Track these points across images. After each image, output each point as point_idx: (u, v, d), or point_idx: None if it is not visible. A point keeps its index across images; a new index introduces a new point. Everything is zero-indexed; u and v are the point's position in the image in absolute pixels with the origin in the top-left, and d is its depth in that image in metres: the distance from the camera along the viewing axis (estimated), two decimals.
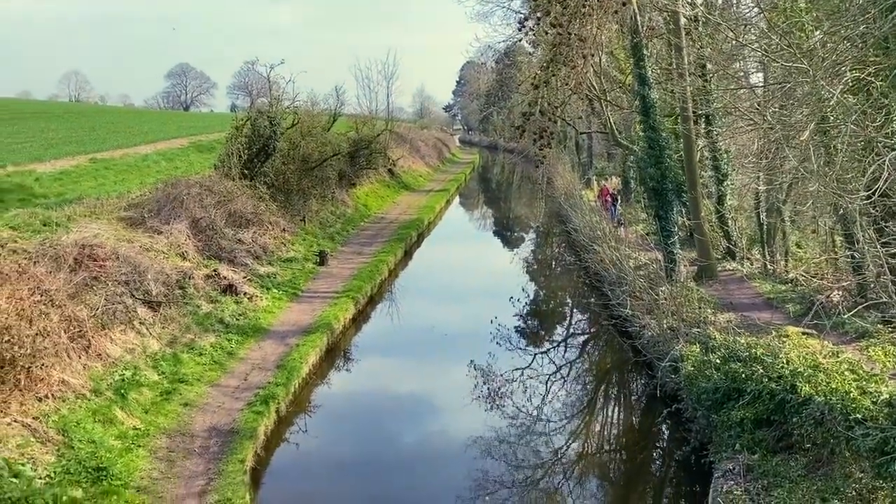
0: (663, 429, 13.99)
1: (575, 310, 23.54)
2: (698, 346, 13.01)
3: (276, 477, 11.51)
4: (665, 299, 15.65)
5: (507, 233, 40.82)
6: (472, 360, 16.58)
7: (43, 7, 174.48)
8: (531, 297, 24.44)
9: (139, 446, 10.66)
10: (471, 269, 27.94)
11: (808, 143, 9.93)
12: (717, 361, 11.91)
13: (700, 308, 15.46)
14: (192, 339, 14.69)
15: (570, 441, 13.20)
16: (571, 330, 21.32)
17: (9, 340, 10.10)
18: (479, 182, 67.50)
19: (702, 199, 20.79)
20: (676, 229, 19.51)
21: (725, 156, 21.92)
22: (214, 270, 17.76)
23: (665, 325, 14.68)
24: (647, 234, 23.30)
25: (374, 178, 39.79)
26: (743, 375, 11.04)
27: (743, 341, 12.31)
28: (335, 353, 16.93)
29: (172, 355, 13.76)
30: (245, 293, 17.58)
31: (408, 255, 28.21)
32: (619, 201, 30.79)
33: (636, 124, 24.63)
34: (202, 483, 10.02)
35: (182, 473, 10.24)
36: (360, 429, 13.65)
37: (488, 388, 15.39)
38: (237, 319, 16.37)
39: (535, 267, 30.46)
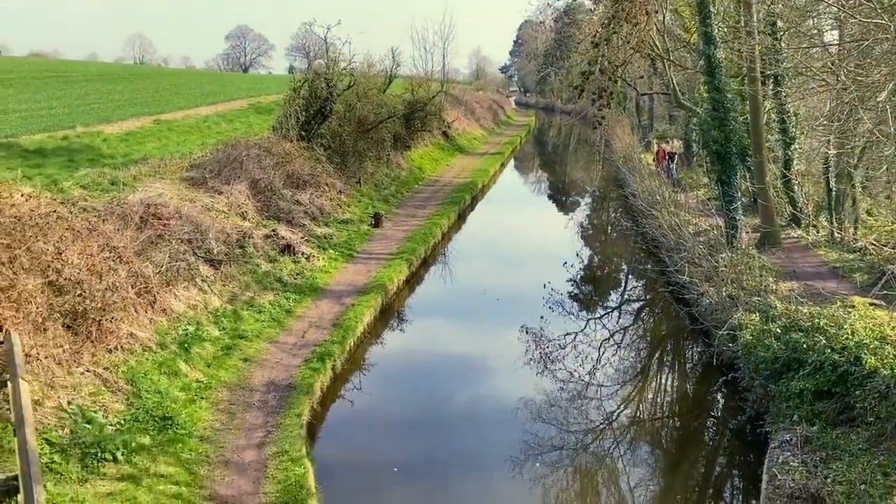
0: (718, 397, 13.78)
1: (630, 276, 23.22)
2: (758, 314, 12.68)
3: (330, 432, 11.85)
4: (725, 266, 15.26)
5: (562, 197, 40.32)
6: (523, 325, 16.60)
7: None
8: (585, 262, 24.18)
9: (202, 398, 11.12)
10: (524, 234, 27.79)
11: (885, 105, 9.41)
12: (778, 331, 11.60)
13: (761, 276, 15.03)
14: (251, 296, 15.12)
15: (621, 407, 13.15)
16: (626, 296, 21.05)
17: (81, 294, 10.59)
18: (535, 145, 66.59)
19: (767, 164, 20.04)
20: (739, 195, 18.87)
21: (794, 118, 20.99)
22: (273, 230, 18.16)
23: (724, 293, 14.34)
24: (708, 200, 22.63)
25: (429, 140, 39.70)
26: (804, 346, 10.74)
27: (806, 311, 11.94)
28: (389, 314, 17.18)
29: (233, 312, 14.21)
30: (302, 253, 17.94)
31: (461, 218, 28.21)
32: (676, 161, 30.03)
33: (700, 85, 23.77)
34: (261, 435, 10.41)
35: (242, 425, 10.65)
36: (412, 388, 13.89)
37: (540, 353, 15.41)
38: (295, 278, 16.75)
39: (590, 232, 30.07)
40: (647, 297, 20.55)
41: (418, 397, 13.42)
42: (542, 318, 17.14)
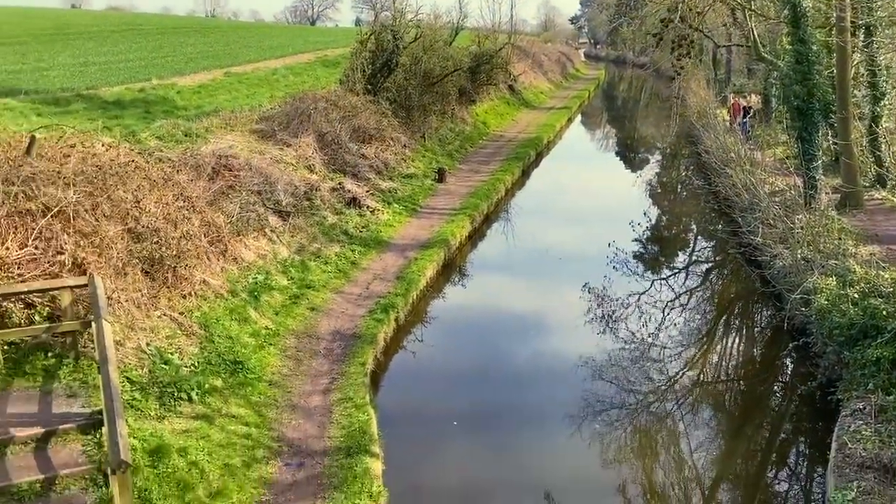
0: (787, 363, 13.41)
1: (699, 237, 22.59)
2: (835, 279, 12.16)
3: (392, 381, 12.14)
4: (801, 228, 14.64)
5: (630, 154, 39.27)
6: (586, 283, 16.44)
7: None
8: (653, 221, 23.64)
9: (270, 345, 11.53)
10: (590, 191, 27.30)
11: None
12: (856, 296, 11.12)
13: (840, 239, 14.37)
14: (318, 248, 15.46)
15: (685, 369, 12.96)
16: (694, 257, 20.52)
17: (157, 241, 11.04)
18: (604, 99, 64.79)
19: (852, 121, 18.91)
20: (820, 153, 17.92)
21: (885, 72, 19.66)
22: (339, 184, 18.41)
23: (799, 256, 13.79)
24: (786, 158, 21.60)
25: (494, 94, 39.13)
26: (884, 312, 10.28)
27: (887, 276, 11.39)
28: (451, 269, 17.29)
29: (300, 262, 14.58)
30: (368, 206, 18.16)
31: (525, 174, 27.89)
32: (751, 116, 28.74)
33: (783, 36, 22.48)
34: (326, 382, 10.75)
35: (308, 372, 11.02)
36: (472, 342, 14.02)
37: (602, 312, 15.28)
38: (360, 231, 17.01)
39: (659, 190, 29.29)
40: (717, 258, 19.98)
41: (478, 352, 13.54)
42: (605, 277, 16.93)
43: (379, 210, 18.49)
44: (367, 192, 19.04)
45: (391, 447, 9.61)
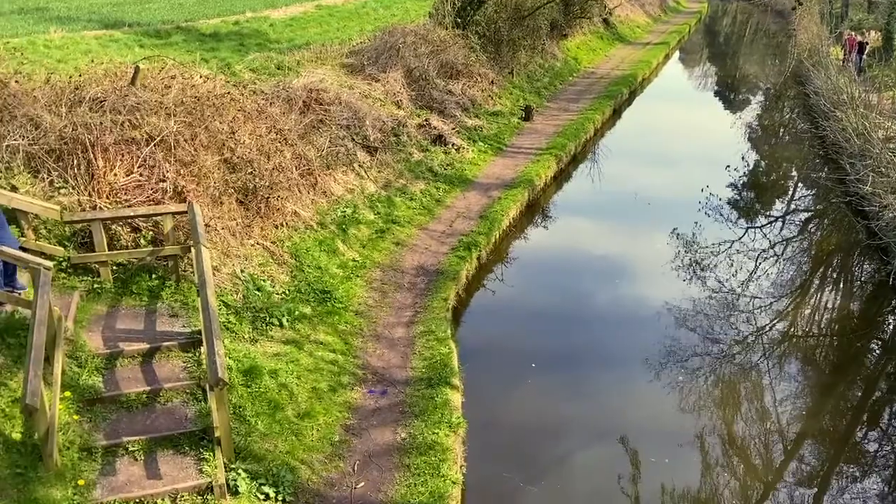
0: (889, 319, 12.72)
1: (800, 184, 21.37)
2: None
3: (473, 317, 12.31)
4: None
5: (730, 94, 37.14)
6: (675, 229, 15.96)
7: None
8: (750, 166, 22.49)
9: (357, 276, 11.88)
10: (685, 133, 26.12)
11: None
12: None
13: None
14: (404, 184, 15.61)
15: (774, 321, 12.52)
16: (793, 206, 19.49)
17: (251, 172, 11.43)
18: (705, 35, 61.11)
19: None
20: None
21: None
22: (426, 120, 18.37)
23: None
24: None
25: (588, 28, 37.55)
26: None
27: None
28: (535, 209, 17.13)
29: (387, 198, 14.79)
30: (453, 144, 18.10)
31: (616, 113, 26.95)
32: (866, 53, 26.51)
33: None
34: (409, 314, 11.03)
35: (392, 304, 11.32)
36: (553, 283, 13.96)
37: (690, 259, 14.85)
38: (445, 169, 17.03)
39: (760, 134, 27.70)
40: (818, 207, 18.91)
41: (559, 294, 13.49)
42: (696, 223, 16.38)
43: (464, 148, 18.39)
44: (453, 129, 18.93)
45: (470, 381, 9.85)
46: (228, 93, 12.46)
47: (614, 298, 13.36)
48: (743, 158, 22.53)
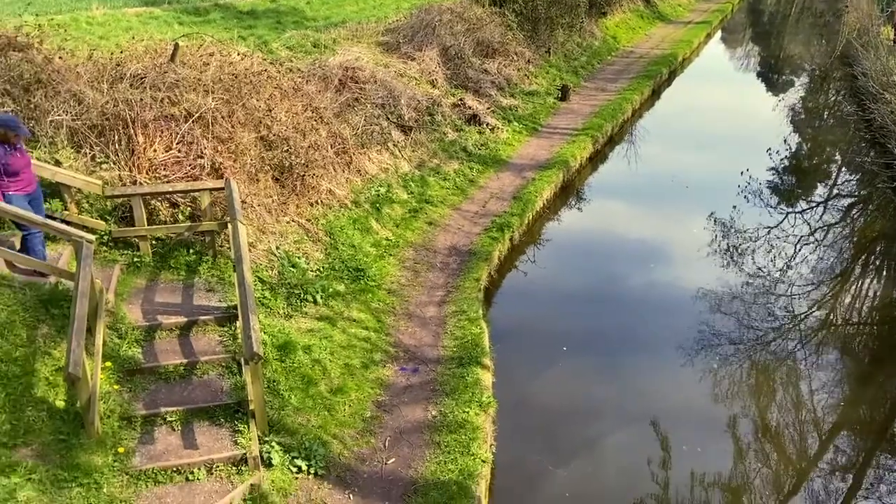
0: None
1: (844, 168, 20.79)
2: None
3: (504, 298, 12.30)
4: None
5: (773, 75, 36.15)
6: (712, 213, 15.69)
7: None
8: (792, 149, 21.93)
9: (390, 255, 11.94)
10: (726, 115, 25.54)
11: None
12: None
13: None
14: (437, 164, 15.58)
15: (813, 308, 12.27)
16: (836, 190, 18.99)
17: (287, 150, 11.51)
18: (748, 13, 59.45)
19: None
20: None
21: None
22: (460, 100, 18.27)
23: None
24: None
25: (627, 6, 36.81)
26: None
27: None
28: (569, 191, 16.97)
29: (420, 177, 14.79)
30: (487, 124, 17.98)
31: (655, 94, 26.45)
32: None
33: None
34: (441, 294, 11.06)
35: (424, 283, 11.37)
36: (585, 266, 13.86)
37: (727, 244, 14.60)
38: (479, 149, 16.94)
39: (803, 116, 26.97)
40: (862, 192, 18.39)
41: (591, 276, 13.39)
42: (734, 207, 16.07)
43: (499, 128, 18.26)
44: (488, 108, 18.80)
45: (501, 361, 9.87)
46: (265, 70, 12.53)
47: (648, 282, 13.21)
48: (785, 141, 21.99)
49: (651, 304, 12.33)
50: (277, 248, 10.41)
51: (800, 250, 14.34)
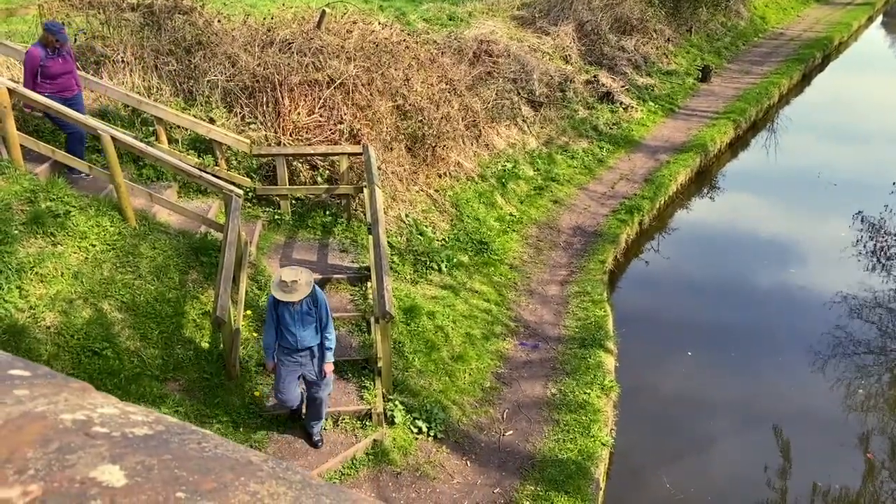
0: None
1: None
2: None
3: (630, 283, 11.99)
4: None
5: None
6: (859, 211, 14.48)
7: None
8: None
9: (513, 231, 11.91)
10: (884, 107, 23.41)
11: None
12: None
13: None
14: (566, 141, 15.32)
15: None
16: None
17: (421, 120, 11.69)
18: None
19: None
20: None
21: None
22: (594, 77, 17.80)
23: None
24: None
25: None
26: None
27: None
28: (705, 177, 16.20)
29: (548, 155, 14.60)
30: (621, 103, 17.44)
31: (806, 79, 24.63)
32: None
33: None
34: (564, 273, 10.93)
35: (547, 262, 11.27)
36: (715, 258, 13.22)
37: (875, 245, 13.45)
38: (610, 128, 16.49)
39: None
40: None
41: (720, 268, 12.76)
42: (885, 207, 14.74)
43: (633, 107, 17.66)
44: (622, 87, 18.21)
45: (625, 347, 9.64)
46: (404, 41, 12.73)
47: (780, 281, 12.42)
48: None
49: (783, 303, 11.60)
50: (407, 215, 10.64)
51: None
